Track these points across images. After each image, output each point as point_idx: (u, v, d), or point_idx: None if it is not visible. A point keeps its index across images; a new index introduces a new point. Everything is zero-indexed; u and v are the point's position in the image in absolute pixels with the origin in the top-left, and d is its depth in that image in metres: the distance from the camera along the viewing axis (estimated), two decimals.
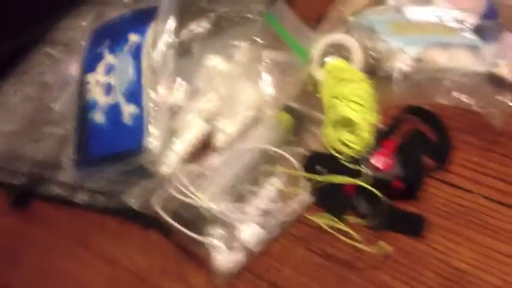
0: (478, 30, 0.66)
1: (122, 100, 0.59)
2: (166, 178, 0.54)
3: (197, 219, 0.50)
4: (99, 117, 0.60)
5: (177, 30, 0.76)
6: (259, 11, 0.78)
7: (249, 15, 0.78)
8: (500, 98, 0.59)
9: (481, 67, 0.62)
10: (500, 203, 0.52)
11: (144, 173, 0.56)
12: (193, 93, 0.63)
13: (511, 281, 0.46)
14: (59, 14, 0.83)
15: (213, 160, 0.57)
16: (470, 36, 0.65)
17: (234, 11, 0.79)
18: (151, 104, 0.58)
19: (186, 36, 0.76)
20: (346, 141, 0.57)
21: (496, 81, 0.61)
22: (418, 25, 0.67)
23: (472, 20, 0.66)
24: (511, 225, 0.50)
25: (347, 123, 0.59)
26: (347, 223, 0.51)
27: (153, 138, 0.56)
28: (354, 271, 0.50)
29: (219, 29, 0.76)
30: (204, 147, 0.60)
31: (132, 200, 0.50)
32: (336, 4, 0.77)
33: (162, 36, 0.61)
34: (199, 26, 0.76)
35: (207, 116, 0.60)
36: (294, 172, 0.55)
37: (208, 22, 0.77)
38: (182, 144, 0.58)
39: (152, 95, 0.58)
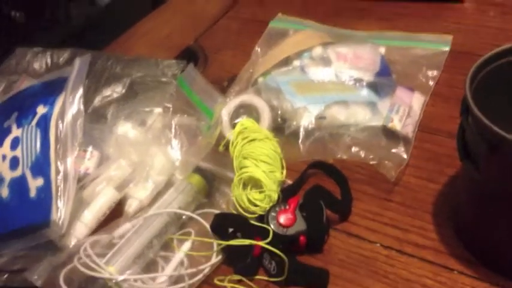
0: (374, 87, 0.71)
1: (28, 174, 0.59)
2: (73, 251, 0.53)
3: None
4: (4, 192, 0.59)
5: (92, 97, 0.77)
6: (173, 75, 0.81)
7: (163, 79, 0.80)
8: (395, 150, 0.64)
9: (377, 122, 0.67)
10: (397, 250, 0.55)
11: (51, 246, 0.55)
12: (104, 160, 0.63)
13: None
14: None
15: (124, 228, 0.57)
16: (366, 93, 0.70)
17: (149, 76, 0.81)
18: (59, 177, 0.58)
19: (100, 102, 0.77)
20: (254, 200, 0.59)
21: (390, 134, 0.66)
22: (319, 84, 0.72)
23: (368, 77, 0.72)
24: (406, 272, 0.53)
25: (255, 183, 0.61)
26: (256, 282, 0.53)
27: (60, 211, 0.55)
28: None
29: (133, 93, 0.78)
30: (116, 215, 0.60)
31: (35, 277, 0.50)
32: (246, 65, 0.82)
33: (71, 106, 0.62)
34: (114, 92, 0.78)
35: (117, 183, 0.60)
36: (200, 239, 0.56)
37: (123, 87, 0.79)
38: (91, 214, 0.58)
39: (60, 166, 0.58)
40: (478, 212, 0.51)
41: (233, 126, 0.69)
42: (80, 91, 0.63)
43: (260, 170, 0.61)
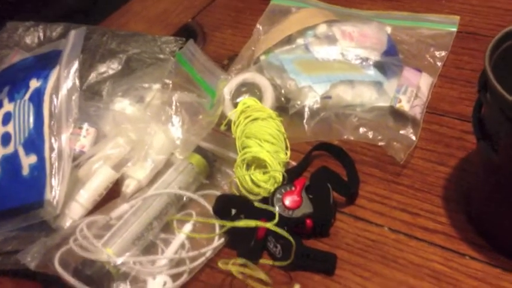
0: (381, 67, 0.69)
1: (21, 151, 0.56)
2: (69, 232, 0.51)
3: (102, 276, 0.47)
4: None
5: (86, 73, 0.74)
6: (171, 51, 0.78)
7: (161, 56, 0.77)
8: (403, 132, 0.62)
9: (384, 102, 0.65)
10: (405, 234, 0.53)
11: (45, 227, 0.53)
12: (101, 138, 0.60)
13: None
14: None
15: (122, 209, 0.54)
16: (373, 73, 0.68)
17: (146, 52, 0.78)
18: (53, 154, 0.55)
19: (95, 78, 0.74)
20: (258, 181, 0.57)
21: (398, 116, 0.64)
22: (324, 63, 0.70)
23: (374, 57, 0.70)
24: (416, 256, 0.51)
25: (259, 163, 0.59)
26: (260, 266, 0.51)
27: (54, 191, 0.53)
28: None
29: (130, 70, 0.75)
30: (113, 196, 0.58)
31: (29, 259, 0.47)
32: (247, 44, 0.79)
33: (66, 80, 0.59)
34: (109, 68, 0.75)
35: (115, 162, 0.58)
36: (203, 220, 0.54)
37: (119, 63, 0.75)
38: (87, 194, 0.55)
39: (55, 143, 0.56)
40: (493, 196, 0.49)
41: (235, 105, 0.67)
42: (75, 65, 0.60)
43: (264, 150, 0.59)
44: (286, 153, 0.62)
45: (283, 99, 0.68)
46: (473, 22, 0.79)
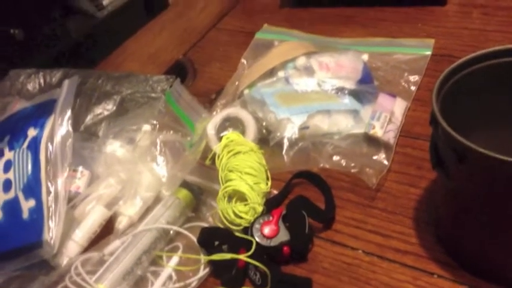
0: (356, 95, 0.73)
1: (21, 196, 0.61)
2: (65, 270, 0.55)
3: None
4: None
5: (83, 116, 0.79)
6: (162, 90, 0.83)
7: (152, 95, 0.82)
8: (376, 157, 0.65)
9: (360, 129, 0.69)
10: (378, 256, 0.56)
11: (45, 266, 0.57)
12: (94, 179, 0.65)
13: None
14: None
15: (114, 245, 0.59)
16: (349, 101, 0.72)
17: (139, 92, 0.83)
18: (50, 197, 0.60)
19: (92, 120, 0.79)
20: (239, 213, 0.61)
21: (372, 142, 0.67)
22: (303, 95, 0.74)
23: (350, 86, 0.73)
24: (387, 277, 0.54)
25: (240, 195, 0.63)
26: None
27: (51, 231, 0.57)
28: None
29: (123, 110, 0.80)
30: (107, 232, 0.62)
31: None
32: (232, 78, 0.83)
33: (60, 128, 0.64)
34: (105, 110, 0.80)
35: (107, 201, 0.62)
36: (186, 255, 0.58)
37: (113, 104, 0.81)
38: (82, 233, 0.60)
39: (51, 187, 0.61)
40: (454, 217, 0.52)
41: (220, 139, 0.71)
42: (69, 113, 0.66)
43: (244, 183, 0.63)
44: (267, 184, 0.66)
45: (264, 131, 0.72)
46: (448, 44, 0.82)
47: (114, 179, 0.63)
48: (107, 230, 0.63)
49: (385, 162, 0.64)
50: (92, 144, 0.70)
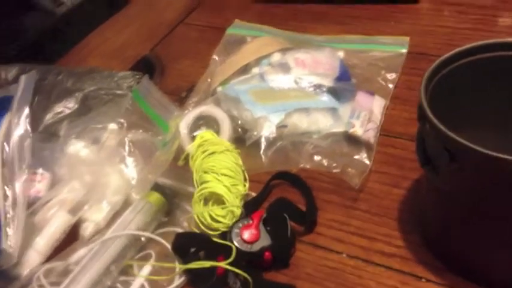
0: (334, 92, 0.70)
1: None
2: (26, 281, 0.50)
3: None
4: None
5: (42, 114, 0.74)
6: (128, 87, 0.78)
7: (118, 92, 0.77)
8: (357, 157, 0.63)
9: (339, 128, 0.67)
10: (363, 260, 0.54)
11: (4, 276, 0.52)
12: (56, 182, 0.60)
13: None
14: None
15: (80, 253, 0.54)
16: (327, 99, 0.69)
17: (103, 89, 0.78)
18: (7, 203, 0.54)
19: (52, 119, 0.74)
20: (216, 217, 0.57)
21: (352, 141, 0.65)
22: (279, 92, 0.71)
23: (327, 83, 0.71)
24: (373, 282, 0.52)
25: (217, 198, 0.59)
26: None
27: (10, 239, 0.52)
28: None
29: (86, 109, 0.75)
30: (72, 240, 0.57)
31: None
32: (204, 75, 0.80)
33: (17, 127, 0.59)
34: (66, 108, 0.75)
35: (71, 206, 0.57)
36: (160, 264, 0.54)
37: (75, 102, 0.75)
38: (44, 241, 0.54)
39: (8, 191, 0.55)
40: (442, 219, 0.50)
41: (192, 139, 0.67)
42: (26, 110, 0.60)
43: (221, 185, 0.59)
44: (245, 185, 0.62)
45: (240, 130, 0.68)
46: (424, 42, 0.81)
47: (78, 182, 0.58)
48: (71, 238, 0.58)
49: (367, 161, 0.62)
50: (52, 145, 0.65)
